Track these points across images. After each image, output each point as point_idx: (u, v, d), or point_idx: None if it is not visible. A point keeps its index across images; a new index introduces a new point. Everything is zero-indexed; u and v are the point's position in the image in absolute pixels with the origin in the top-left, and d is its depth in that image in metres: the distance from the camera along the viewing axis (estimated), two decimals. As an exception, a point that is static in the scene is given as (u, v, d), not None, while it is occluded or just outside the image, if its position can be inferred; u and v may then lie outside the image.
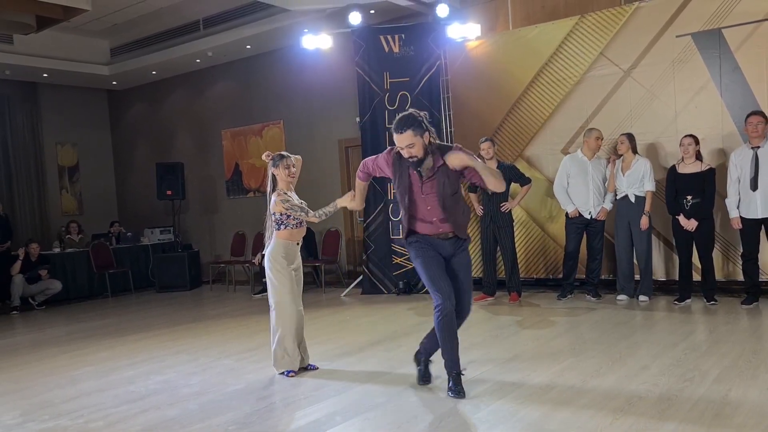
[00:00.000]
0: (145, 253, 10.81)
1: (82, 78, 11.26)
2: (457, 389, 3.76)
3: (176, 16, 9.57)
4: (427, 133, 3.69)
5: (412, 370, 4.15)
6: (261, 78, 10.46)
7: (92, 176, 12.32)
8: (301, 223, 4.60)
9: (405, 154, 3.72)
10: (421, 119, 3.70)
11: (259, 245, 9.48)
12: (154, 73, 11.20)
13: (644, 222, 6.24)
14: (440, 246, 3.83)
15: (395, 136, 3.72)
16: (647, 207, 6.30)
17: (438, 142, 3.83)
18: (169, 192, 10.50)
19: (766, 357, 4.16)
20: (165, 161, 10.99)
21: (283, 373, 4.49)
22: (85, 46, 10.65)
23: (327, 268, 9.33)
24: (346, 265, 9.66)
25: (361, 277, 8.49)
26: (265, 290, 8.83)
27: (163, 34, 10.18)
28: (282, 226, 4.57)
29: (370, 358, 4.87)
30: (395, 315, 6.63)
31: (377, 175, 4.03)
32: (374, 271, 8.24)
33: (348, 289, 8.53)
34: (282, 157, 4.71)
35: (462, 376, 3.82)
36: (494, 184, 3.73)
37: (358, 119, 8.51)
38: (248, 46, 9.90)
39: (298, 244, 4.60)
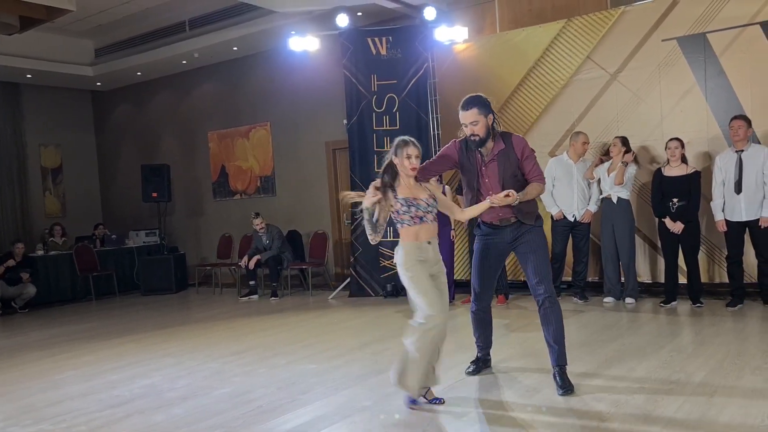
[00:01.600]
0: (130, 256, 10.71)
1: (66, 79, 11.14)
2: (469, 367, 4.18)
3: (162, 17, 9.51)
4: (491, 115, 3.84)
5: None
6: (248, 80, 10.41)
7: (76, 178, 12.19)
8: (421, 217, 3.65)
9: (468, 131, 3.83)
10: (487, 101, 3.86)
11: (246, 247, 9.44)
12: (139, 74, 11.11)
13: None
14: (501, 233, 3.93)
15: (461, 114, 3.84)
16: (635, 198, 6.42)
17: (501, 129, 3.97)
18: (154, 194, 10.42)
19: (750, 359, 4.19)
20: (150, 163, 10.90)
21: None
22: (69, 46, 10.54)
23: (314, 270, 9.30)
24: (334, 268, 9.63)
25: (348, 279, 8.46)
26: (252, 293, 8.90)
27: (149, 34, 10.10)
28: (398, 225, 3.73)
29: (358, 361, 4.84)
30: (383, 318, 6.62)
31: (441, 173, 4.12)
32: (362, 273, 8.22)
33: (335, 292, 8.50)
34: (405, 143, 3.68)
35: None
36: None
37: (345, 121, 8.50)
38: (235, 48, 9.85)
39: (429, 243, 3.69)
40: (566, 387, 3.70)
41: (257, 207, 9.66)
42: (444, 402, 3.66)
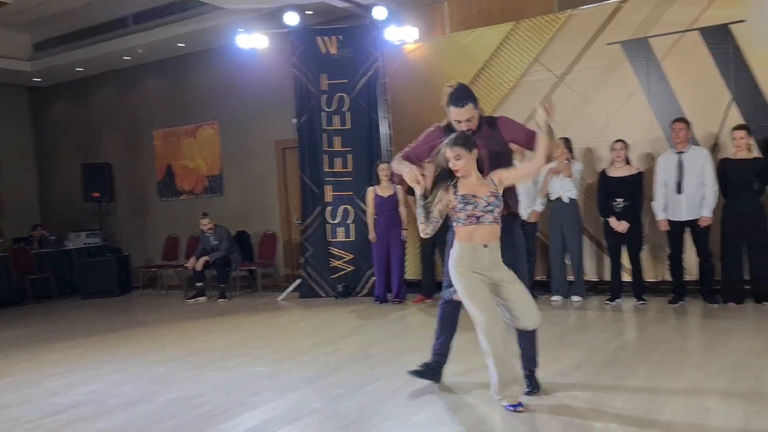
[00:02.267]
0: (70, 258, 10.34)
1: (2, 74, 10.66)
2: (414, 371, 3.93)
3: (104, 11, 9.20)
4: (479, 105, 3.74)
5: (348, 376, 4.11)
6: (195, 77, 10.19)
7: (12, 177, 11.64)
8: (479, 218, 3.38)
9: (464, 127, 3.66)
10: (473, 91, 3.75)
11: (193, 248, 9.23)
12: (80, 69, 10.73)
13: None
14: None
15: (455, 110, 3.68)
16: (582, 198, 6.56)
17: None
18: (96, 194, 10.10)
19: (691, 354, 4.33)
20: (92, 161, 10.55)
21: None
22: (5, 40, 10.08)
23: (264, 271, 9.17)
24: (284, 269, 9.52)
25: (299, 280, 8.38)
26: (199, 295, 8.71)
27: (90, 29, 9.76)
28: (453, 223, 3.50)
29: (309, 362, 4.78)
30: (334, 319, 6.57)
31: (423, 162, 3.78)
32: (312, 274, 8.14)
33: (285, 293, 8.40)
34: (448, 145, 3.45)
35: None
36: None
37: (295, 120, 8.40)
38: (181, 44, 9.63)
39: (485, 246, 3.41)
40: (531, 387, 3.69)
41: (205, 207, 9.47)
42: (522, 408, 3.37)
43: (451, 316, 3.93)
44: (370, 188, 7.30)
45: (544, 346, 4.76)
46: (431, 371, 3.96)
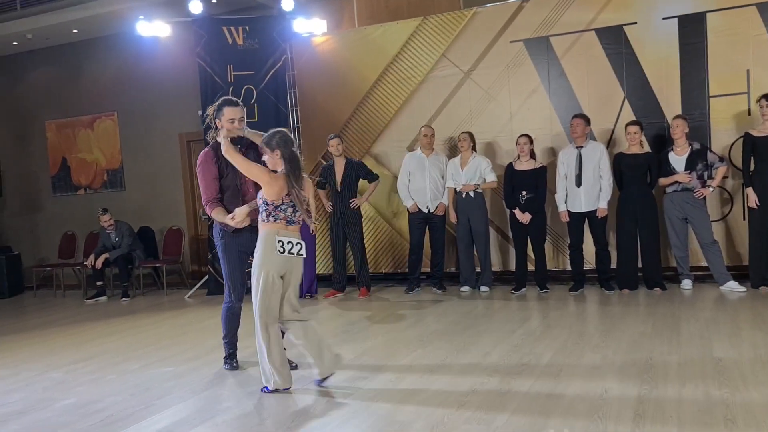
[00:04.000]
0: (-47, 258, 9.57)
1: None
2: None
3: (-12, -9, 8.56)
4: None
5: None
6: (91, 66, 9.66)
7: None
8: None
9: (236, 125, 3.96)
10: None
11: (92, 246, 8.77)
12: (-39, 55, 9.94)
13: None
14: (248, 240, 4.05)
15: (230, 110, 3.96)
16: (488, 192, 6.77)
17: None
18: (-19, 189, 9.38)
19: (590, 338, 4.55)
20: (-24, 155, 9.80)
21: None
22: None
23: (169, 268, 8.84)
24: (190, 265, 9.23)
25: (206, 277, 8.14)
26: (100, 294, 8.28)
27: (-27, 11, 9.05)
28: None
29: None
30: (243, 315, 6.38)
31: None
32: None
33: (192, 291, 8.14)
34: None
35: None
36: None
37: (200, 112, 8.14)
38: (75, 30, 9.08)
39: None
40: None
41: (104, 202, 9.02)
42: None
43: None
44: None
45: (453, 336, 4.89)
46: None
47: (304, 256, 3.82)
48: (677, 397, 3.26)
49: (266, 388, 3.80)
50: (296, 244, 3.74)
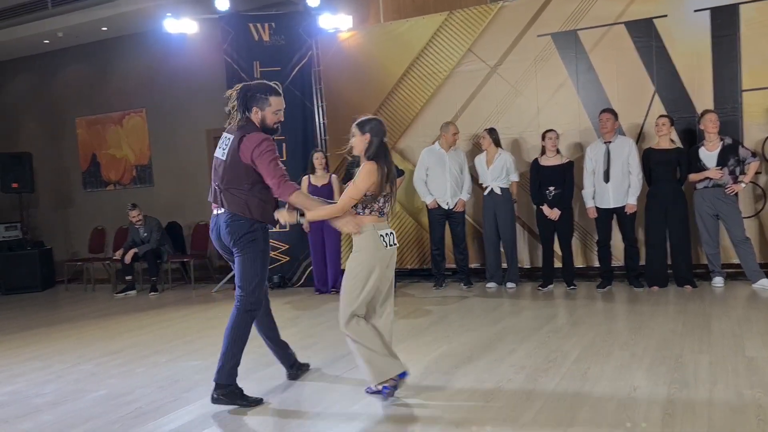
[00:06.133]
0: (-11, 252, 9.80)
1: None
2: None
3: (20, -9, 8.73)
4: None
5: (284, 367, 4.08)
6: (120, 63, 9.80)
7: None
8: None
9: (280, 117, 3.68)
10: None
11: (121, 241, 8.91)
12: (-5, 53, 10.16)
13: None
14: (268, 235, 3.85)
15: (276, 99, 3.66)
16: (514, 195, 6.64)
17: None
18: (15, 185, 9.56)
19: (618, 336, 4.49)
20: (10, 151, 9.99)
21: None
22: None
23: (197, 263, 8.95)
24: (218, 260, 9.32)
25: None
26: (129, 288, 8.41)
27: (6, 10, 9.20)
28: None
29: (244, 354, 4.68)
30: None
31: None
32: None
33: (219, 285, 8.23)
34: None
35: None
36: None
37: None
38: (104, 28, 9.22)
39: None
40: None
41: (133, 198, 9.15)
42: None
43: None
44: (305, 177, 7.21)
45: (480, 332, 4.87)
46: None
47: (397, 244, 3.61)
48: (708, 397, 3.20)
49: (386, 387, 3.44)
50: (391, 234, 3.52)
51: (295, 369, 4.05)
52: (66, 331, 6.17)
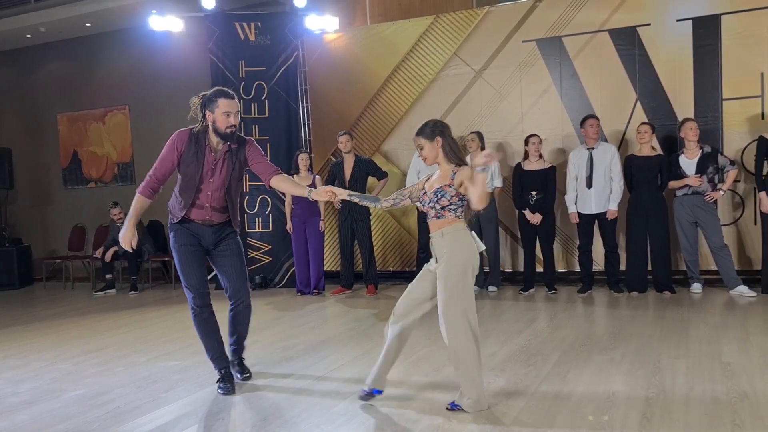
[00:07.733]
0: (-36, 249, 9.65)
1: None
2: (226, 387, 3.78)
3: (3, -16, 8.62)
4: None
5: (265, 368, 4.05)
6: (104, 59, 9.71)
7: None
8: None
9: (232, 121, 3.69)
10: None
11: (102, 239, 8.82)
12: (-25, 47, 10.02)
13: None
14: (203, 233, 3.85)
15: (227, 102, 3.72)
16: (497, 201, 6.67)
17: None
18: (-7, 181, 9.44)
19: (598, 340, 4.53)
20: (-11, 146, 9.86)
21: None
22: None
23: (177, 263, 8.87)
24: (198, 260, 9.25)
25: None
26: (109, 287, 8.32)
27: (-13, 4, 9.12)
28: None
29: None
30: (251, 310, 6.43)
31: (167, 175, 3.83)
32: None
33: (200, 285, 8.15)
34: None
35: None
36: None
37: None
38: (88, 24, 9.14)
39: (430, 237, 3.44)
40: (245, 373, 4.01)
41: (115, 196, 9.06)
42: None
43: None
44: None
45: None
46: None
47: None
48: (685, 400, 3.24)
49: (376, 391, 3.43)
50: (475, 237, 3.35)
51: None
52: (43, 330, 6.10)
